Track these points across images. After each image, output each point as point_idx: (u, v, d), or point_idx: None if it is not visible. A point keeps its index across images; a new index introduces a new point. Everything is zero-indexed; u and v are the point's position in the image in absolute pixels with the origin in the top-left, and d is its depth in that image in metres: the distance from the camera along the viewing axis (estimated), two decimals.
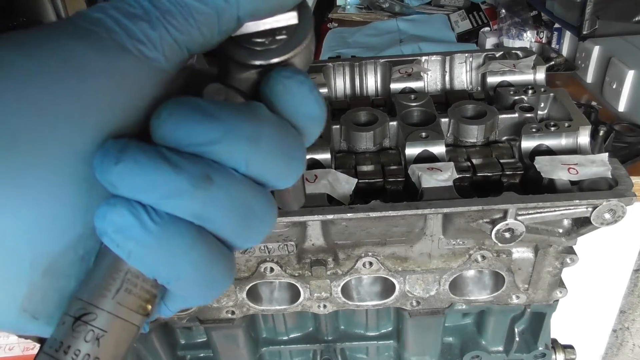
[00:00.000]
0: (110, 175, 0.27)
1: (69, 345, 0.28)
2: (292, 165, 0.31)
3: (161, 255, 0.28)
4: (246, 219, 0.30)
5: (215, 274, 0.30)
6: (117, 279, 0.29)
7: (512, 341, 0.86)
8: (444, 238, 0.70)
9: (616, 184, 0.63)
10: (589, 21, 1.19)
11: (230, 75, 0.32)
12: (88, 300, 0.29)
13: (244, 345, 0.86)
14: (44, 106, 0.27)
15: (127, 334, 0.30)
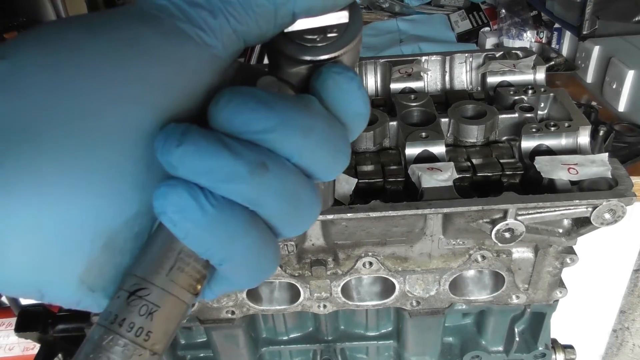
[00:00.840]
0: (172, 156, 0.28)
1: (124, 318, 0.29)
2: (338, 158, 0.32)
3: (216, 237, 0.29)
4: (295, 208, 0.31)
5: (264, 259, 0.31)
6: (171, 257, 0.30)
7: (512, 341, 0.86)
8: (444, 238, 0.70)
9: (616, 184, 0.63)
10: (589, 21, 1.19)
11: (281, 69, 0.33)
12: (143, 276, 0.30)
13: (244, 345, 0.86)
14: (111, 86, 0.28)
15: (177, 311, 0.30)
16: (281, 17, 0.30)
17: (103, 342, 0.29)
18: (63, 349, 0.96)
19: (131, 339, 0.29)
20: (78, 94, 0.27)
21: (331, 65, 0.32)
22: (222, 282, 0.33)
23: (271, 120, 0.29)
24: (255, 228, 0.30)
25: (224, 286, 0.34)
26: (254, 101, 0.29)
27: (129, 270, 0.30)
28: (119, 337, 0.29)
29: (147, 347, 0.29)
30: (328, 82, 0.31)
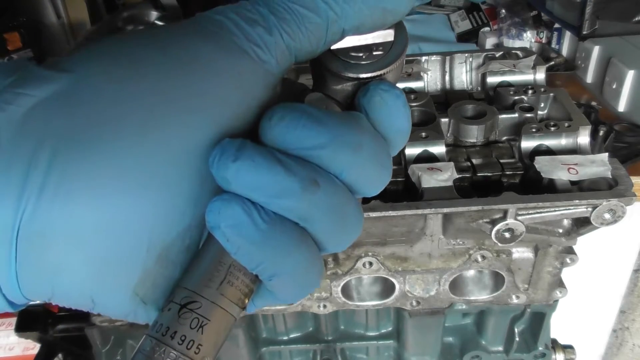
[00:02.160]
0: (227, 171, 0.28)
1: (175, 331, 0.30)
2: (383, 175, 0.33)
3: (267, 252, 0.29)
4: (342, 224, 0.32)
5: (311, 275, 0.32)
6: (221, 271, 0.30)
7: (512, 341, 0.86)
8: (444, 238, 0.70)
9: (616, 184, 0.63)
10: (589, 21, 1.19)
11: (326, 86, 0.33)
12: (194, 289, 0.30)
13: (244, 345, 0.86)
14: (173, 99, 0.28)
15: (226, 324, 0.31)
16: (331, 34, 0.31)
17: (155, 354, 0.29)
18: (63, 349, 0.96)
19: (182, 351, 0.29)
20: (141, 107, 0.28)
21: (378, 82, 0.32)
22: (266, 296, 0.33)
23: (323, 137, 0.29)
24: (304, 244, 0.30)
25: (267, 300, 0.34)
26: (306, 118, 0.29)
27: (180, 284, 0.31)
28: (171, 350, 0.29)
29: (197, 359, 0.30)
30: (375, 99, 0.32)
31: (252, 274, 0.31)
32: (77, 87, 0.28)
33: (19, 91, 0.28)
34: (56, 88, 0.28)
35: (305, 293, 0.33)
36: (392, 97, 0.32)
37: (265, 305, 0.35)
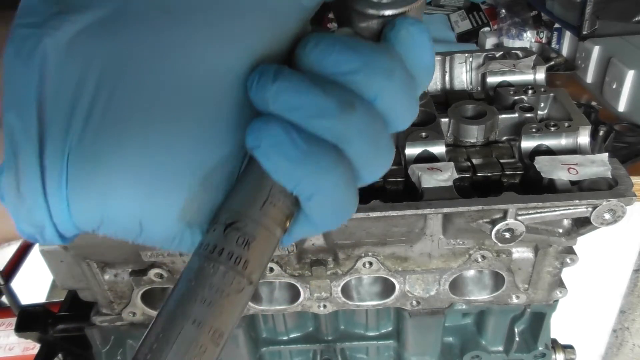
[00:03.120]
0: (266, 92, 0.30)
1: (222, 248, 0.31)
2: (412, 107, 0.34)
3: (306, 170, 0.30)
4: (376, 149, 0.33)
5: (347, 197, 0.33)
6: (263, 193, 0.32)
7: (512, 341, 0.86)
8: (444, 238, 0.70)
9: (616, 184, 0.63)
10: (589, 21, 1.19)
11: (352, 25, 0.34)
12: (238, 210, 0.32)
13: (244, 345, 0.86)
14: (212, 24, 0.29)
15: (270, 244, 0.32)
16: None
17: (204, 270, 0.30)
18: (63, 349, 0.96)
19: (230, 266, 0.30)
20: (183, 32, 0.29)
21: (405, 17, 0.33)
22: (304, 223, 0.34)
23: (356, 61, 0.30)
24: (342, 164, 0.31)
25: (304, 228, 0.35)
26: (340, 44, 0.30)
27: (224, 206, 0.32)
28: (219, 265, 0.30)
29: (245, 275, 0.31)
30: (402, 33, 0.32)
31: (292, 196, 0.32)
32: (121, 13, 0.29)
33: (64, 18, 0.28)
34: (101, 14, 0.29)
35: (342, 218, 0.34)
36: (418, 31, 0.33)
37: (302, 234, 0.36)
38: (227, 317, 0.31)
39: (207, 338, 0.30)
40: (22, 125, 0.29)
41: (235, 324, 0.32)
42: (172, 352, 0.29)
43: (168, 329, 0.30)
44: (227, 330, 0.31)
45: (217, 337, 0.30)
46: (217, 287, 0.30)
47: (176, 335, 0.29)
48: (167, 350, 0.29)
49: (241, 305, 0.32)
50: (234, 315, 0.31)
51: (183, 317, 0.30)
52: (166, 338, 0.29)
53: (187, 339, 0.29)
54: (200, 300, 0.30)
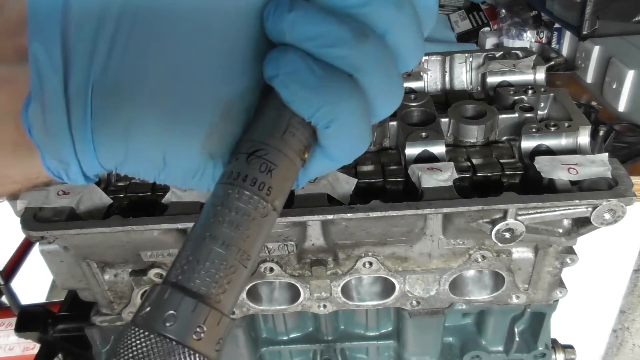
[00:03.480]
0: (282, 22, 0.30)
1: (246, 175, 0.32)
2: (419, 46, 0.34)
3: (324, 97, 0.31)
4: (389, 82, 0.33)
5: (362, 129, 0.34)
6: (283, 122, 0.33)
7: (512, 341, 0.86)
8: (444, 238, 0.70)
9: (616, 184, 0.63)
10: (589, 21, 1.19)
11: None
12: (259, 139, 0.33)
13: (244, 345, 0.86)
14: None
15: (290, 172, 0.34)
16: None
17: (229, 195, 0.32)
18: (63, 349, 0.96)
19: (255, 192, 0.32)
20: None
21: None
22: (320, 158, 0.35)
23: None
24: (357, 93, 0.32)
25: (321, 163, 0.36)
26: None
27: (245, 137, 0.33)
28: (244, 191, 0.32)
29: (269, 200, 0.32)
30: None
31: (309, 126, 0.33)
32: None
33: None
34: None
35: (357, 150, 0.35)
36: None
37: (318, 170, 0.37)
38: (253, 240, 0.32)
39: (235, 259, 0.31)
40: (47, 54, 0.29)
41: (260, 248, 0.33)
42: (204, 272, 0.30)
43: (198, 251, 0.31)
44: (254, 253, 0.32)
45: (245, 258, 0.31)
46: (244, 211, 0.31)
47: (206, 257, 0.30)
48: (198, 270, 0.30)
49: (266, 230, 0.33)
50: (260, 239, 0.32)
51: (212, 240, 0.31)
52: (196, 259, 0.31)
53: (217, 260, 0.30)
54: (228, 224, 0.31)
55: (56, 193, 0.67)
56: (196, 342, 0.29)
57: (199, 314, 0.30)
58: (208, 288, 0.30)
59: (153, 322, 0.29)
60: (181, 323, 0.29)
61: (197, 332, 0.29)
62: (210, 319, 0.30)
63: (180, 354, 0.29)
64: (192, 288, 0.30)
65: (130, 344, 0.29)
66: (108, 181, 0.74)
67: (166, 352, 0.29)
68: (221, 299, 0.31)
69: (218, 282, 0.31)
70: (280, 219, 0.63)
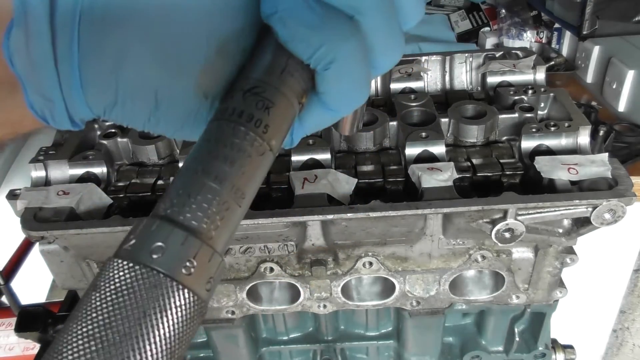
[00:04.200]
0: None
1: (242, 111, 0.30)
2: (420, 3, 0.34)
3: (324, 35, 0.30)
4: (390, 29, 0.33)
5: (362, 74, 0.33)
6: (281, 62, 0.31)
7: (512, 341, 0.86)
8: (444, 238, 0.70)
9: (616, 184, 0.63)
10: (589, 21, 1.19)
11: None
12: (256, 77, 0.31)
13: (244, 345, 0.86)
14: None
15: (288, 113, 0.32)
16: None
17: (224, 130, 0.30)
18: None
19: (251, 128, 0.30)
20: None
21: None
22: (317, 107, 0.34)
23: None
24: (358, 34, 0.31)
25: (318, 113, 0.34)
26: None
27: (241, 75, 0.32)
28: (240, 126, 0.30)
29: (265, 139, 0.30)
30: None
31: (308, 68, 0.32)
32: None
33: None
34: None
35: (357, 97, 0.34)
36: None
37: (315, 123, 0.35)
38: (248, 177, 0.30)
39: (229, 195, 0.29)
40: None
41: (256, 189, 0.31)
42: (195, 206, 0.28)
43: (189, 184, 0.29)
44: (249, 191, 0.30)
45: (239, 196, 0.29)
46: (239, 147, 0.29)
47: (198, 190, 0.29)
48: (189, 204, 0.28)
49: (262, 170, 0.31)
50: (256, 179, 0.31)
51: (204, 173, 0.29)
52: (187, 193, 0.28)
53: (210, 194, 0.29)
54: (222, 158, 0.29)
55: (56, 193, 0.67)
56: (186, 276, 0.27)
57: (189, 247, 0.27)
58: (200, 222, 0.28)
59: (138, 254, 0.27)
60: (170, 255, 0.27)
61: (187, 266, 0.27)
62: (201, 254, 0.28)
63: (167, 287, 0.27)
64: (183, 221, 0.28)
65: (113, 276, 0.27)
66: (108, 181, 0.74)
67: (152, 285, 0.26)
68: (213, 235, 0.29)
69: (210, 217, 0.28)
70: (280, 219, 0.63)
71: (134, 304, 0.26)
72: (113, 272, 0.27)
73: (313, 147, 0.72)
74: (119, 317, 0.26)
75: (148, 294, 0.26)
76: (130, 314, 0.26)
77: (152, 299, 0.26)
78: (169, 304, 0.26)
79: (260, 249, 0.70)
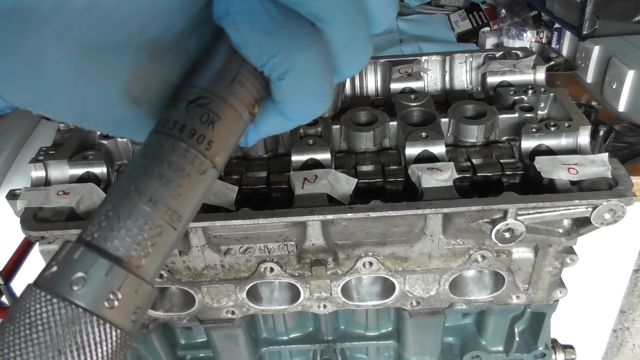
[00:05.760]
0: None
1: (184, 124, 0.28)
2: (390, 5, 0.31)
3: (280, 43, 0.27)
4: (356, 35, 0.30)
5: (321, 85, 0.30)
6: (231, 70, 0.29)
7: (512, 341, 0.86)
8: (444, 238, 0.70)
9: (616, 184, 0.63)
10: (589, 21, 1.19)
11: None
12: (202, 86, 0.29)
13: (244, 345, 0.86)
14: None
15: (236, 126, 0.29)
16: None
17: (162, 146, 0.27)
18: None
19: (192, 145, 0.28)
20: None
21: None
22: (273, 114, 0.31)
23: None
24: (318, 43, 0.29)
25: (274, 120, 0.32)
26: None
27: (185, 83, 0.29)
28: (180, 142, 0.27)
29: (208, 156, 0.28)
30: None
31: (261, 77, 0.29)
32: None
33: None
34: None
35: (313, 109, 0.31)
36: None
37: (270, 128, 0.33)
38: (186, 199, 0.28)
39: (163, 219, 0.27)
40: None
41: (195, 210, 0.29)
42: (124, 231, 0.26)
43: (120, 206, 0.27)
44: (186, 214, 0.28)
45: (175, 219, 0.27)
46: (177, 165, 0.27)
47: (129, 213, 0.26)
48: (118, 228, 0.26)
49: (202, 190, 0.28)
50: (194, 199, 0.28)
51: (137, 194, 0.27)
52: (117, 215, 0.26)
53: (142, 218, 0.26)
54: (158, 178, 0.27)
55: (56, 193, 0.67)
56: (108, 310, 0.25)
57: (113, 278, 0.26)
58: (128, 250, 0.26)
59: (57, 285, 0.25)
60: (91, 287, 0.25)
61: (110, 299, 0.25)
62: (126, 285, 0.26)
63: (87, 323, 0.25)
64: (109, 249, 0.26)
65: (29, 307, 0.25)
66: (108, 181, 0.74)
67: (70, 320, 0.25)
68: (142, 264, 0.27)
69: (140, 243, 0.26)
70: (280, 219, 0.63)
71: (48, 341, 0.24)
72: (29, 303, 0.25)
73: (313, 147, 0.72)
74: (32, 355, 0.24)
75: (64, 330, 0.24)
76: (44, 352, 0.24)
77: (70, 335, 0.24)
78: (87, 341, 0.25)
79: (260, 249, 0.70)
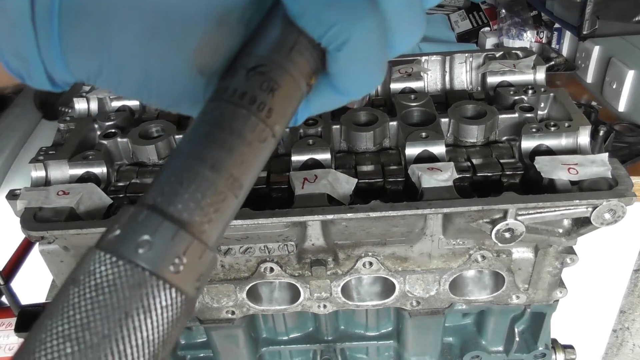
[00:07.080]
0: None
1: (245, 92, 0.27)
2: None
3: (338, 14, 0.27)
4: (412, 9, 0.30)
5: (378, 57, 0.30)
6: (290, 39, 0.28)
7: (512, 341, 0.86)
8: (444, 238, 0.70)
9: (616, 184, 0.63)
10: (589, 21, 1.19)
11: None
12: (262, 54, 0.28)
13: (244, 345, 0.86)
14: None
15: (295, 96, 0.29)
16: None
17: (223, 113, 0.27)
18: None
19: (253, 112, 0.27)
20: None
21: None
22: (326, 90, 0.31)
23: None
24: (376, 14, 0.28)
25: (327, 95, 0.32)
26: None
27: (245, 50, 0.29)
28: (241, 109, 0.27)
29: (268, 124, 0.27)
30: None
31: (319, 47, 0.29)
32: None
33: None
34: None
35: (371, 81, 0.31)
36: None
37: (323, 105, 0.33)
38: (247, 167, 0.27)
39: (226, 185, 0.27)
40: None
41: (254, 178, 0.28)
42: (187, 196, 0.26)
43: (182, 172, 0.26)
44: (247, 182, 0.28)
45: (236, 187, 0.27)
46: (239, 133, 0.27)
47: (192, 179, 0.26)
48: (181, 193, 0.26)
49: (263, 158, 0.28)
50: (255, 167, 0.28)
51: (199, 160, 0.26)
52: (180, 181, 0.26)
53: (204, 184, 0.26)
54: (220, 144, 0.26)
55: (56, 193, 0.67)
56: (173, 274, 0.25)
57: (179, 242, 0.25)
58: (191, 215, 0.26)
59: (123, 247, 0.25)
60: (157, 251, 0.25)
61: (176, 263, 0.25)
62: (192, 250, 0.26)
63: (153, 287, 0.25)
64: (173, 213, 0.26)
65: (94, 270, 0.25)
66: (108, 181, 0.74)
67: (136, 283, 0.24)
68: (206, 229, 0.26)
69: (204, 209, 0.26)
70: (280, 219, 0.63)
71: (115, 303, 0.24)
72: (94, 265, 0.25)
73: (313, 147, 0.72)
74: (99, 317, 0.24)
75: (131, 292, 0.24)
76: (111, 314, 0.24)
77: (136, 298, 0.24)
78: (154, 304, 0.25)
79: (260, 249, 0.70)
